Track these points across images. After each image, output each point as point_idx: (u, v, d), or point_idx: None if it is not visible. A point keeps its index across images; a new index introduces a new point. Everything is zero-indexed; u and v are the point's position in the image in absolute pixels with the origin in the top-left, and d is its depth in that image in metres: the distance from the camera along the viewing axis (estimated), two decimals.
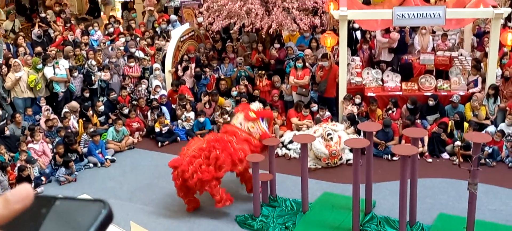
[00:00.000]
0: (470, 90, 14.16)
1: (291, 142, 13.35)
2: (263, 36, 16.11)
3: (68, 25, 18.10)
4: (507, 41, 13.43)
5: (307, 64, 15.01)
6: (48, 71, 14.87)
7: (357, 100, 14.05)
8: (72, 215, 1.19)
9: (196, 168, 10.50)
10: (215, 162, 10.58)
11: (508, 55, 14.40)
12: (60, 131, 13.45)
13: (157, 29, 17.95)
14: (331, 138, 12.64)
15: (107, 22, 18.95)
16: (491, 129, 13.10)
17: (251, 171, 10.95)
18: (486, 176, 11.53)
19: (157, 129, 14.34)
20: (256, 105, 11.54)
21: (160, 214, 11.28)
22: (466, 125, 13.19)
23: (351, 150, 11.59)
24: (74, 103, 14.53)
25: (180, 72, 15.53)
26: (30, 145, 12.85)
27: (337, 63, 14.47)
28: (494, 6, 13.40)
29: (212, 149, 10.61)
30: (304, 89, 14.84)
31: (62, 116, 14.14)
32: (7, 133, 13.20)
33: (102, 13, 21.93)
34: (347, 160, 12.76)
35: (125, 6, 20.75)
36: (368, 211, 10.69)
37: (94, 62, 15.40)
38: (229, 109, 14.58)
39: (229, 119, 14.26)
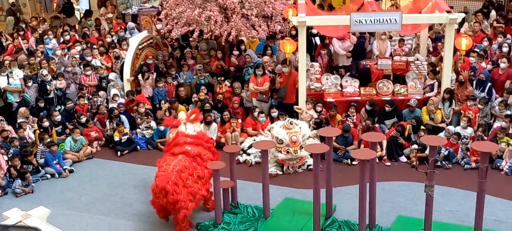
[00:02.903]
0: (427, 95, 14.41)
1: (250, 146, 13.40)
2: (223, 44, 16.10)
3: (22, 33, 17.75)
4: (462, 45, 13.72)
5: (266, 71, 15.07)
6: (2, 81, 14.57)
7: (318, 108, 14.16)
8: None
9: (185, 184, 10.35)
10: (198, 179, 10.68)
11: (462, 59, 14.70)
12: (13, 141, 13.15)
13: (114, 37, 17.75)
14: (291, 123, 12.71)
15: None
16: (451, 127, 13.35)
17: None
18: (442, 178, 11.78)
19: (116, 138, 14.18)
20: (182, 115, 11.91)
21: (120, 224, 11.15)
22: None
23: (311, 155, 11.66)
24: (22, 109, 14.20)
25: (142, 81, 15.38)
26: None
27: (296, 69, 14.57)
28: (448, 12, 13.69)
29: (194, 167, 10.69)
30: (264, 96, 14.90)
31: (17, 126, 13.84)
32: None
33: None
34: (308, 165, 12.83)
35: (87, 14, 20.46)
36: (328, 215, 10.79)
37: (45, 72, 15.09)
38: None
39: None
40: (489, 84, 14.17)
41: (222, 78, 15.54)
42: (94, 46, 16.70)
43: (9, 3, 21.46)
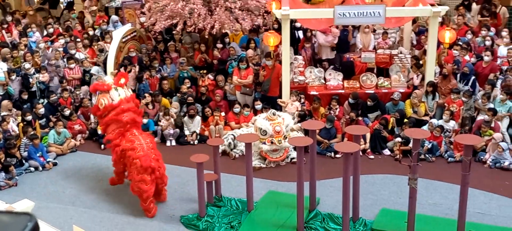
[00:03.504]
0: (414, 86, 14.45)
1: (234, 138, 13.42)
2: (206, 37, 16.09)
3: (5, 26, 17.60)
4: (445, 39, 13.79)
5: (250, 64, 15.07)
6: None
7: (302, 100, 14.20)
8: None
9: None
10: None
11: (446, 52, 14.79)
12: None
13: (97, 31, 17.64)
14: (274, 114, 12.74)
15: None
16: (434, 121, 13.44)
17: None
18: (425, 171, 11.85)
19: (99, 131, 14.11)
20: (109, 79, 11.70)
21: (104, 217, 11.12)
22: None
23: (295, 148, 11.68)
24: (5, 102, 14.10)
25: None
26: None
27: (280, 62, 14.58)
28: (432, 5, 13.75)
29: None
30: (248, 89, 14.91)
31: (0, 119, 13.74)
32: None
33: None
34: (291, 158, 12.86)
35: (69, 6, 20.31)
36: (312, 208, 10.82)
37: (27, 66, 14.98)
38: (175, 110, 14.53)
39: (172, 120, 14.26)
40: (473, 77, 14.26)
41: (205, 71, 15.52)
42: (78, 39, 16.60)
43: None
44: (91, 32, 17.52)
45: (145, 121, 14.17)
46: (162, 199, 11.43)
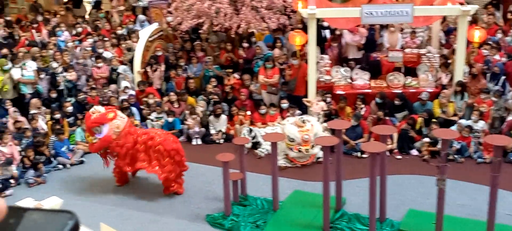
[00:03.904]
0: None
1: (254, 138, 13.43)
2: (232, 36, 16.09)
3: (35, 25, 17.83)
4: (474, 38, 13.61)
5: (276, 63, 15.03)
6: (16, 73, 14.66)
7: (328, 99, 14.12)
8: (40, 226, 1.22)
9: None
10: None
11: (476, 51, 14.58)
12: (25, 132, 13.25)
13: (123, 30, 17.74)
14: (303, 121, 12.68)
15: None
16: (463, 121, 13.27)
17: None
18: (454, 171, 11.68)
19: None
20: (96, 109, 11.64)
21: (131, 215, 11.18)
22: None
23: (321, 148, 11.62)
24: (34, 100, 14.30)
25: (150, 74, 15.41)
26: None
27: (306, 61, 14.52)
28: (461, 3, 13.57)
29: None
30: (273, 88, 14.87)
31: (30, 117, 13.93)
32: None
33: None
34: (317, 158, 12.79)
35: (96, 5, 20.50)
36: (338, 208, 10.74)
37: (55, 64, 15.17)
38: (201, 109, 14.55)
39: (198, 118, 14.30)
40: (503, 77, 14.04)
41: (231, 70, 15.54)
42: (106, 39, 16.75)
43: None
44: (119, 32, 17.65)
45: (170, 119, 14.25)
46: (178, 188, 11.64)
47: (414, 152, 13.21)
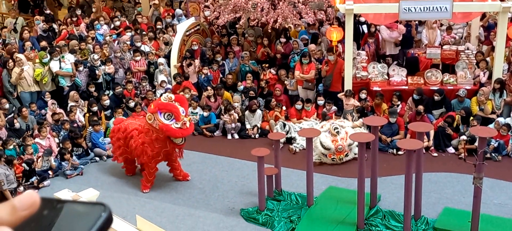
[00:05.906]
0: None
1: (288, 133, 13.43)
2: (269, 31, 16.09)
3: (75, 19, 18.11)
4: None
5: (312, 59, 14.99)
6: (54, 65, 14.91)
7: (363, 95, 14.02)
8: (73, 218, 1.24)
9: None
10: None
11: None
12: (64, 124, 13.50)
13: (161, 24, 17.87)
14: (338, 132, 12.62)
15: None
16: (501, 119, 13.06)
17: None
18: (491, 170, 11.50)
19: None
20: (165, 97, 11.33)
21: (165, 208, 11.31)
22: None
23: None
24: (72, 93, 14.54)
25: (186, 68, 15.51)
26: (37, 140, 12.89)
27: (342, 57, 14.45)
28: (502, 0, 13.33)
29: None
30: (310, 84, 14.84)
31: (68, 110, 14.18)
32: (17, 125, 13.29)
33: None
34: (353, 154, 12.74)
35: None
36: (373, 205, 10.69)
37: (96, 57, 15.40)
38: (237, 104, 14.58)
39: (236, 115, 14.33)
40: None
41: (267, 65, 15.55)
42: (144, 33, 16.92)
43: None
44: (159, 26, 17.77)
45: (206, 114, 14.33)
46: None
47: (451, 150, 13.05)
